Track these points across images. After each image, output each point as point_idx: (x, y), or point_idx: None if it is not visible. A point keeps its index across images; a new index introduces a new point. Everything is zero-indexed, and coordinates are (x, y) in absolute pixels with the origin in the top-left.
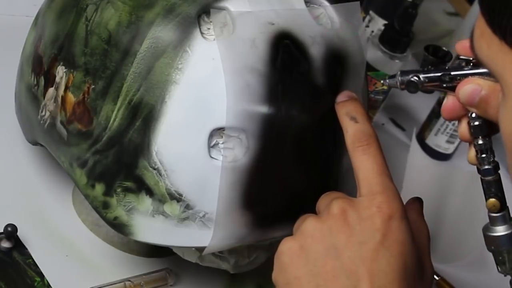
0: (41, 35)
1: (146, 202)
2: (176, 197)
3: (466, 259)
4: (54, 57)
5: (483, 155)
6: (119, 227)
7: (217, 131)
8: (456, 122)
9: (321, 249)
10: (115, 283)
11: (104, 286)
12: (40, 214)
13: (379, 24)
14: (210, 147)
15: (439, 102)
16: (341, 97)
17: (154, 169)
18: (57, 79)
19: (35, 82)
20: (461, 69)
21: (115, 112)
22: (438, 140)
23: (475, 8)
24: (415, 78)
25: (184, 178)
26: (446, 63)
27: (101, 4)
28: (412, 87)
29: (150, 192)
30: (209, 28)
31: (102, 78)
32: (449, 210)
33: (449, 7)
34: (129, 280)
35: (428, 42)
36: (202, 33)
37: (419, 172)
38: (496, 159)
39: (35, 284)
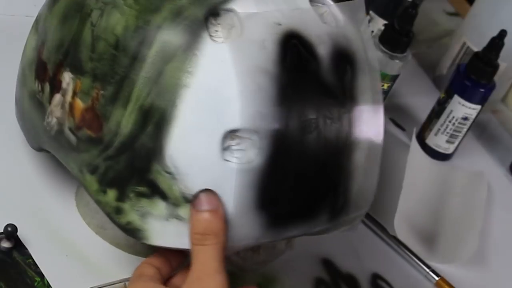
0: (43, 40)
1: (160, 206)
2: (191, 200)
3: (466, 259)
4: (60, 63)
5: None
6: (132, 232)
7: (229, 133)
8: (456, 122)
9: None
10: (115, 283)
11: (104, 286)
12: (40, 214)
13: (379, 24)
14: (223, 149)
15: (439, 102)
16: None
17: (168, 173)
18: (64, 85)
19: (40, 89)
20: None
21: (126, 118)
22: (438, 140)
23: (475, 8)
24: None
25: (198, 181)
26: None
27: (107, 9)
28: None
29: (164, 196)
30: (217, 31)
31: (111, 84)
32: (449, 210)
33: (449, 7)
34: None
35: (428, 42)
36: (210, 36)
37: (419, 172)
38: (496, 158)
39: (35, 284)
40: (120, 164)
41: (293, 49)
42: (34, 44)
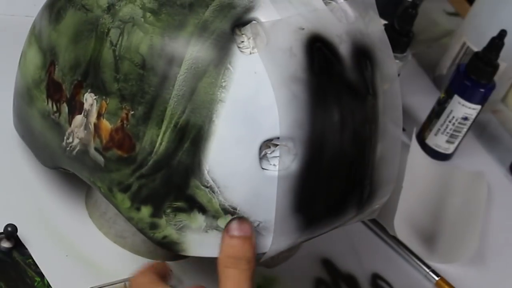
0: (53, 60)
1: (199, 219)
2: (231, 211)
3: (466, 259)
4: (78, 84)
5: None
6: (169, 245)
7: (265, 142)
8: (456, 122)
9: None
10: (115, 283)
11: (104, 286)
12: (40, 214)
13: None
14: (260, 158)
15: (439, 102)
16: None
17: (207, 187)
18: (86, 106)
19: (55, 109)
20: None
21: (160, 136)
22: (438, 140)
23: (475, 8)
24: None
25: (238, 192)
26: None
27: (126, 28)
28: None
29: (202, 210)
30: (242, 41)
31: (142, 104)
32: (449, 210)
33: (449, 7)
34: (129, 280)
35: (428, 42)
36: (238, 47)
37: (419, 172)
38: (496, 158)
39: (35, 284)
40: (156, 181)
41: (319, 52)
42: (39, 62)
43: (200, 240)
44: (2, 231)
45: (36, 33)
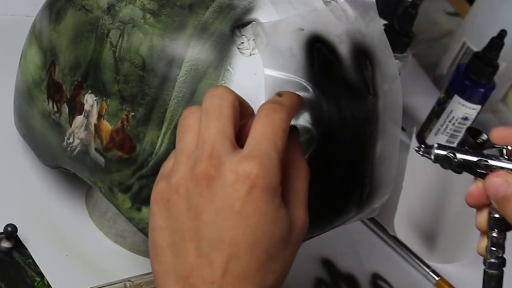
0: (53, 60)
1: None
2: None
3: (466, 259)
4: (78, 84)
5: (493, 248)
6: None
7: None
8: (456, 122)
9: (183, 209)
10: (115, 283)
11: (104, 286)
12: (40, 214)
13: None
14: None
15: (439, 102)
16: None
17: None
18: (87, 107)
19: (56, 110)
20: (499, 160)
21: (160, 138)
22: (438, 140)
23: (475, 8)
24: (451, 155)
25: None
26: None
27: (126, 29)
28: (445, 162)
29: None
30: (242, 43)
31: (142, 105)
32: (449, 210)
33: (449, 7)
34: (129, 280)
35: (428, 42)
36: (238, 49)
37: (419, 172)
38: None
39: (35, 284)
40: None
41: (318, 53)
42: (39, 62)
43: None
44: (2, 231)
45: (36, 33)
